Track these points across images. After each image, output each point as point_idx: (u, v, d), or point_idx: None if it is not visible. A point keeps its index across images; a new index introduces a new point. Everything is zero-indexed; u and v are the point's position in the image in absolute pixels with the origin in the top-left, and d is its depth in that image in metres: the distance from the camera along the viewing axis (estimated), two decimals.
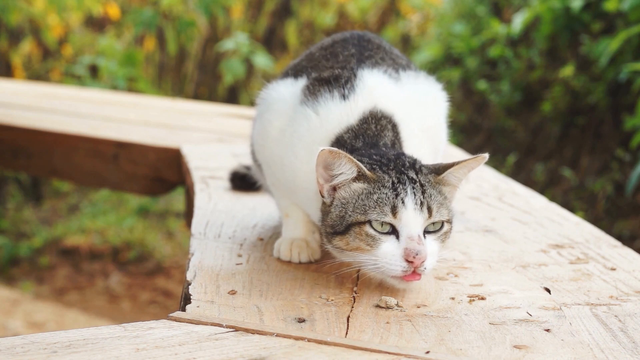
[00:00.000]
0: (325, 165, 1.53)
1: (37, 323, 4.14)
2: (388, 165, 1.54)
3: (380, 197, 1.50)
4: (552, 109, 4.37)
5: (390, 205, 1.48)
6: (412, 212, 1.48)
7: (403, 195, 1.49)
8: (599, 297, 1.55)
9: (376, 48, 1.83)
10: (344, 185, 1.54)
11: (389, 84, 1.73)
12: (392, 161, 1.55)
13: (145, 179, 3.06)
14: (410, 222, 1.48)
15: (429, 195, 1.52)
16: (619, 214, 3.59)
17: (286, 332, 1.33)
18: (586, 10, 4.26)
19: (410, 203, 1.49)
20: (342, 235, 1.52)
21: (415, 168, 1.55)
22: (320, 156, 1.51)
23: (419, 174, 1.54)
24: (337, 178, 1.54)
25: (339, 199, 1.54)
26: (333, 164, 1.52)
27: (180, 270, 4.86)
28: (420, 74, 1.85)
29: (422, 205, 1.49)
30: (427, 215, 1.50)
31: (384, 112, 1.68)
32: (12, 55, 6.88)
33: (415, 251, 1.46)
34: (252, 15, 7.47)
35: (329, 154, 1.51)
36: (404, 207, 1.48)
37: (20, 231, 5.51)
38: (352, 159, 1.51)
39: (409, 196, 1.49)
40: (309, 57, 1.87)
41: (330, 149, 1.50)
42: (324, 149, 1.50)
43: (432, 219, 1.50)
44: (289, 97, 1.75)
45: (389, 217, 1.48)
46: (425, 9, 7.16)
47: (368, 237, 1.49)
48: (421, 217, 1.49)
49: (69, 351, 1.23)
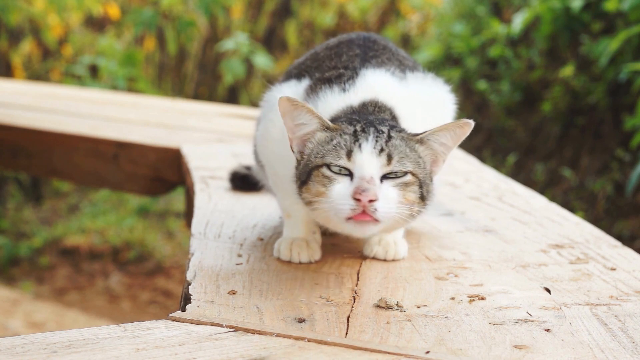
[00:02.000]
0: (286, 114, 1.57)
1: (37, 323, 4.14)
2: (359, 121, 1.57)
3: (339, 142, 1.53)
4: (552, 109, 4.37)
5: (346, 149, 1.52)
6: (368, 155, 1.50)
7: (362, 141, 1.51)
8: (599, 297, 1.55)
9: (382, 49, 1.83)
10: (310, 137, 1.58)
11: (392, 81, 1.73)
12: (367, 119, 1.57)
13: (145, 179, 3.06)
14: (364, 164, 1.50)
15: (394, 145, 1.52)
16: (619, 214, 3.59)
17: (286, 332, 1.33)
18: (586, 10, 4.26)
19: (368, 147, 1.50)
20: (306, 183, 1.56)
21: (391, 125, 1.57)
22: (279, 104, 1.55)
23: (393, 130, 1.55)
24: (300, 129, 1.58)
25: (306, 151, 1.59)
26: (293, 113, 1.56)
27: (180, 270, 4.86)
28: (428, 76, 1.84)
29: (381, 151, 1.51)
30: (385, 162, 1.50)
31: (384, 102, 1.68)
32: (12, 55, 6.88)
33: (362, 188, 1.47)
34: (252, 15, 7.47)
35: (287, 102, 1.55)
36: (360, 150, 1.51)
37: (20, 231, 5.51)
38: (311, 109, 1.55)
39: (369, 142, 1.51)
40: (314, 57, 1.87)
41: (288, 97, 1.55)
42: (282, 97, 1.55)
43: (391, 167, 1.51)
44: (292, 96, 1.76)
45: (344, 161, 1.51)
46: (425, 9, 7.16)
47: (324, 177, 1.52)
48: (377, 161, 1.50)
49: (69, 351, 1.23)
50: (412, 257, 1.78)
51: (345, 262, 1.74)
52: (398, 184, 1.52)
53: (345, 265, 1.72)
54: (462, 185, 2.55)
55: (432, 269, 1.70)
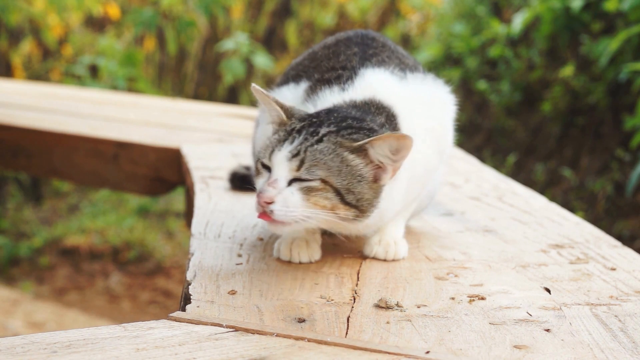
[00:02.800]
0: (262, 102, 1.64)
1: (37, 323, 4.14)
2: (316, 117, 1.59)
3: (272, 139, 1.59)
4: (552, 109, 4.37)
5: (271, 148, 1.56)
6: (281, 158, 1.53)
7: (286, 143, 1.55)
8: (599, 297, 1.55)
9: (381, 47, 1.82)
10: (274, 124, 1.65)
11: (391, 81, 1.73)
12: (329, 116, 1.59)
13: (145, 179, 3.06)
14: (275, 166, 1.54)
15: (314, 151, 1.53)
16: (619, 214, 3.59)
17: (286, 332, 1.33)
18: (586, 10, 4.26)
19: (285, 150, 1.54)
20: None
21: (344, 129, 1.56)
22: (253, 91, 1.62)
23: (333, 134, 1.55)
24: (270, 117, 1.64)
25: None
26: (263, 101, 1.63)
27: (180, 270, 4.87)
28: (428, 76, 1.84)
29: (296, 155, 1.53)
30: (295, 167, 1.52)
31: (382, 102, 1.68)
32: (12, 55, 6.88)
33: (261, 189, 1.53)
34: (252, 15, 7.47)
35: (255, 91, 1.61)
36: (278, 151, 1.54)
37: (20, 231, 5.51)
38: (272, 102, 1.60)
39: (291, 144, 1.54)
40: (312, 57, 1.87)
41: (255, 87, 1.61)
42: (253, 86, 1.61)
43: (299, 172, 1.52)
44: (291, 99, 1.77)
45: (266, 159, 1.57)
46: (425, 9, 7.16)
47: (257, 170, 1.61)
48: (287, 165, 1.53)
49: (69, 351, 1.23)
50: (412, 257, 1.78)
51: (345, 262, 1.74)
52: (302, 188, 1.53)
53: (345, 265, 1.72)
54: (462, 185, 2.56)
55: (432, 269, 1.71)
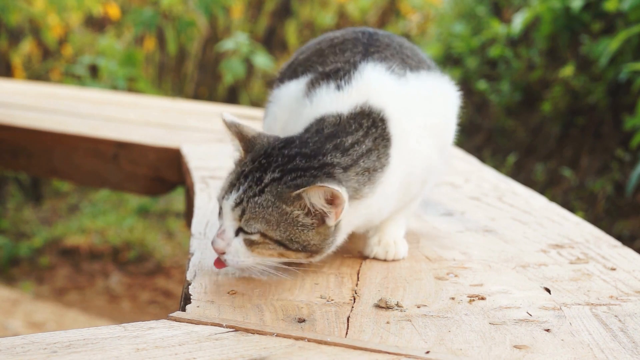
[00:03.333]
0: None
1: (37, 323, 4.14)
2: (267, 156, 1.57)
3: (227, 179, 1.60)
4: (552, 109, 4.37)
5: (222, 192, 1.58)
6: (228, 207, 1.55)
7: (234, 189, 1.55)
8: (599, 297, 1.55)
9: (385, 45, 1.82)
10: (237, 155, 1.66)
11: (389, 78, 1.72)
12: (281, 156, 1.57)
13: (145, 179, 3.06)
14: (224, 215, 1.56)
15: (256, 203, 1.52)
16: (619, 214, 3.59)
17: (286, 332, 1.33)
18: (586, 10, 4.26)
19: (232, 199, 1.55)
20: None
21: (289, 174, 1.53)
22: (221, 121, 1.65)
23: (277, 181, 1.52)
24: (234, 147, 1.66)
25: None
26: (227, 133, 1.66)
27: (180, 270, 4.87)
28: (431, 73, 1.84)
29: (238, 206, 1.53)
30: (238, 217, 1.54)
31: (373, 107, 1.66)
32: (12, 55, 6.88)
33: (212, 240, 1.56)
34: (252, 15, 7.47)
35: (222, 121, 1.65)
36: (227, 199, 1.56)
37: (20, 231, 5.51)
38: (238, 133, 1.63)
39: (237, 192, 1.55)
40: (319, 53, 1.87)
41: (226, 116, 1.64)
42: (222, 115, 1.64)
43: (241, 223, 1.54)
44: (295, 93, 1.78)
45: (220, 202, 1.58)
46: (425, 9, 7.16)
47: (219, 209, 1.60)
48: (232, 214, 1.54)
49: (69, 351, 1.23)
50: (412, 257, 1.78)
51: (345, 262, 1.74)
52: (246, 239, 1.54)
53: (345, 265, 1.72)
54: (462, 185, 2.55)
55: (432, 269, 1.70)
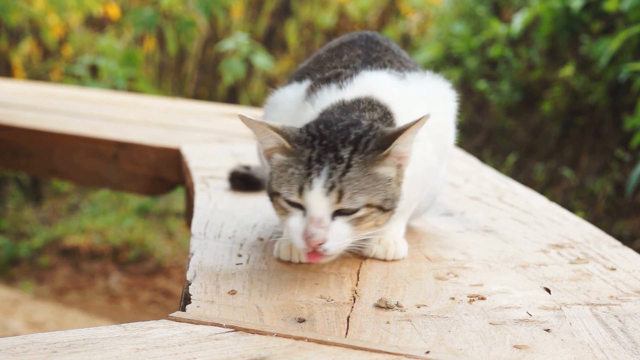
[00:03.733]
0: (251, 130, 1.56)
1: (37, 323, 4.14)
2: (322, 139, 1.52)
3: (293, 173, 1.51)
4: (552, 109, 4.37)
5: (298, 184, 1.49)
6: (318, 195, 1.47)
7: (314, 176, 1.48)
8: (599, 297, 1.55)
9: (384, 50, 1.83)
10: (272, 153, 1.57)
11: (389, 80, 1.73)
12: (334, 133, 1.52)
13: (145, 179, 3.06)
14: (313, 204, 1.48)
15: (348, 178, 1.48)
16: (619, 214, 3.59)
17: (286, 332, 1.33)
18: (586, 10, 4.26)
19: (318, 186, 1.47)
20: (271, 201, 1.58)
21: (358, 144, 1.51)
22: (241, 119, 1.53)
23: (357, 152, 1.50)
24: (265, 144, 1.56)
25: (272, 167, 1.58)
26: (254, 130, 1.55)
27: (180, 270, 4.87)
28: (427, 74, 1.85)
29: (332, 188, 1.47)
30: (335, 200, 1.48)
31: (379, 100, 1.67)
32: (12, 55, 6.88)
33: (310, 233, 1.48)
34: (252, 15, 7.47)
35: (243, 119, 1.52)
36: (310, 189, 1.48)
37: (20, 231, 5.51)
38: (269, 128, 1.52)
39: (320, 178, 1.47)
40: (316, 59, 1.88)
41: (244, 115, 1.52)
42: (240, 114, 1.52)
43: (340, 204, 1.48)
44: (294, 98, 1.78)
45: (295, 197, 1.50)
46: (425, 9, 7.16)
47: (282, 208, 1.54)
48: (326, 200, 1.47)
49: (69, 351, 1.23)
50: (412, 257, 1.78)
51: (345, 262, 1.74)
52: (352, 220, 1.50)
53: (345, 265, 1.71)
54: (462, 185, 2.55)
55: (432, 269, 1.71)
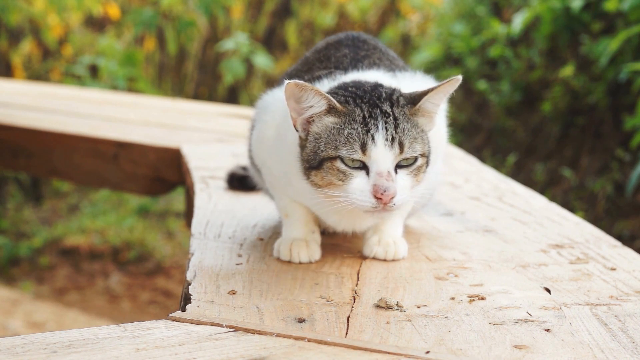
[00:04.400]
0: (294, 98, 1.53)
1: (37, 323, 4.14)
2: (362, 98, 1.54)
3: (351, 132, 1.50)
4: (552, 109, 4.37)
5: (359, 141, 1.49)
6: (382, 148, 1.48)
7: (373, 131, 1.49)
8: (599, 297, 1.55)
9: (372, 49, 1.83)
10: (316, 119, 1.55)
11: (383, 77, 1.73)
12: (368, 92, 1.55)
13: (145, 179, 3.06)
14: (379, 158, 1.48)
15: (402, 130, 1.51)
16: (619, 214, 3.59)
17: (286, 332, 1.33)
18: (586, 10, 4.26)
19: (380, 139, 1.49)
20: (317, 170, 1.54)
21: (392, 100, 1.54)
22: (287, 89, 1.52)
23: (395, 106, 1.54)
24: (307, 111, 1.54)
25: (313, 134, 1.56)
26: (301, 97, 1.53)
27: (180, 270, 4.87)
28: (418, 74, 1.85)
29: (393, 140, 1.49)
30: (398, 151, 1.50)
31: None
32: (12, 55, 6.88)
33: (383, 188, 1.47)
34: (252, 15, 7.47)
35: (295, 87, 1.51)
36: (374, 143, 1.48)
37: (20, 231, 5.51)
38: (320, 91, 1.51)
39: (380, 132, 1.49)
40: (304, 62, 1.88)
41: (296, 81, 1.50)
42: (290, 82, 1.51)
43: (404, 154, 1.50)
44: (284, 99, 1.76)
45: (359, 154, 1.49)
46: (425, 9, 7.16)
47: (340, 172, 1.51)
48: (391, 153, 1.49)
49: (69, 351, 1.23)
50: (412, 257, 1.78)
51: (345, 262, 1.74)
52: (412, 171, 1.53)
53: (345, 265, 1.72)
54: (462, 185, 2.56)
55: (432, 269, 1.71)
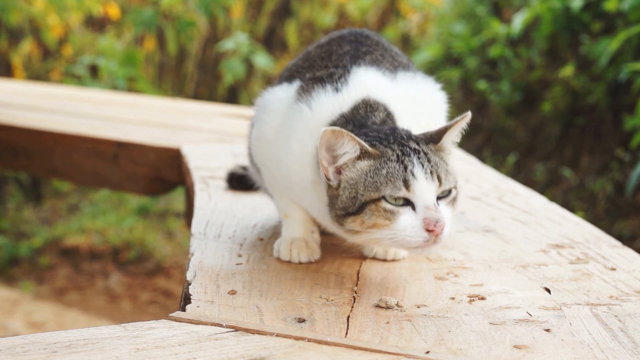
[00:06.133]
0: (328, 146, 1.53)
1: (37, 323, 4.14)
2: (387, 139, 1.55)
3: (390, 171, 1.50)
4: (552, 109, 4.37)
5: (401, 178, 1.49)
6: (424, 182, 1.49)
7: (411, 167, 1.50)
8: (599, 297, 1.55)
9: (375, 44, 1.82)
10: (348, 165, 1.54)
11: (383, 80, 1.73)
12: (390, 135, 1.56)
13: (145, 179, 3.06)
14: (424, 192, 1.49)
15: (435, 163, 1.53)
16: (619, 214, 3.59)
17: (286, 332, 1.33)
18: (586, 10, 4.26)
19: (421, 173, 1.50)
20: (356, 215, 1.52)
21: (413, 138, 1.56)
22: (323, 137, 1.51)
23: (419, 143, 1.55)
24: (341, 158, 1.53)
25: (347, 181, 1.54)
26: (336, 144, 1.52)
27: (180, 270, 4.87)
28: (418, 74, 1.84)
29: (432, 174, 1.50)
30: (438, 184, 1.51)
31: (377, 100, 1.67)
32: (12, 55, 6.89)
33: (435, 219, 1.47)
34: (252, 15, 7.47)
35: (332, 134, 1.50)
36: (415, 178, 1.49)
37: (20, 231, 5.51)
38: (354, 137, 1.51)
39: (417, 167, 1.50)
40: (306, 57, 1.87)
41: (332, 128, 1.50)
42: (327, 129, 1.50)
43: (443, 187, 1.51)
44: (285, 98, 1.75)
45: (403, 191, 1.49)
46: (425, 9, 7.16)
47: (386, 212, 1.49)
48: (433, 185, 1.50)
49: (69, 351, 1.23)
50: (412, 257, 1.78)
51: (345, 262, 1.74)
52: (449, 201, 1.54)
53: (345, 265, 1.72)
54: (462, 185, 2.55)
55: (432, 269, 1.71)
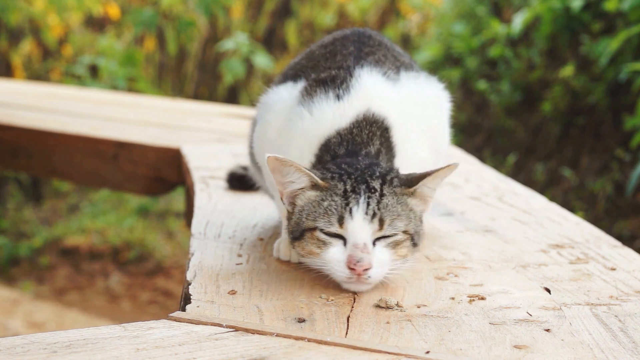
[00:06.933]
0: (275, 171, 1.54)
1: (37, 323, 4.14)
2: (349, 175, 1.53)
3: (330, 205, 1.50)
4: (552, 109, 4.37)
5: (337, 215, 1.49)
6: (360, 222, 1.47)
7: (352, 205, 1.48)
8: (599, 297, 1.55)
9: (377, 45, 1.82)
10: (299, 193, 1.55)
11: (386, 85, 1.72)
12: (359, 170, 1.54)
13: (145, 179, 3.06)
14: (356, 232, 1.48)
15: (386, 206, 1.50)
16: (619, 214, 3.59)
17: (286, 332, 1.33)
18: (586, 10, 4.26)
19: (359, 213, 1.48)
20: (299, 240, 1.55)
21: (385, 179, 1.54)
22: (268, 163, 1.52)
23: (386, 184, 1.53)
24: (290, 186, 1.55)
25: (297, 207, 1.56)
26: (282, 171, 1.54)
27: (180, 270, 4.87)
28: (422, 74, 1.84)
29: (373, 216, 1.48)
30: (378, 227, 1.48)
31: (376, 115, 1.66)
32: (12, 55, 6.89)
33: (357, 258, 1.46)
34: (252, 15, 7.47)
35: (276, 161, 1.52)
36: (351, 217, 1.48)
37: (20, 231, 5.51)
38: (300, 167, 1.52)
39: (360, 206, 1.48)
40: (309, 56, 1.86)
41: (276, 156, 1.51)
42: (270, 156, 1.51)
43: (383, 231, 1.49)
44: (288, 99, 1.75)
45: (335, 227, 1.49)
46: (425, 9, 7.16)
47: (319, 241, 1.51)
48: (370, 227, 1.48)
49: (69, 351, 1.23)
50: (412, 257, 1.78)
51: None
52: (389, 243, 1.51)
53: None
54: (462, 185, 2.55)
55: (432, 269, 1.71)
